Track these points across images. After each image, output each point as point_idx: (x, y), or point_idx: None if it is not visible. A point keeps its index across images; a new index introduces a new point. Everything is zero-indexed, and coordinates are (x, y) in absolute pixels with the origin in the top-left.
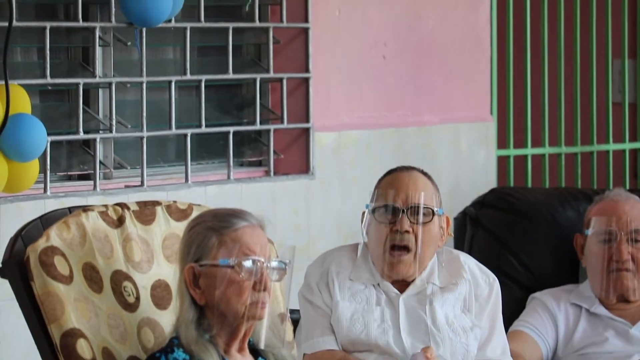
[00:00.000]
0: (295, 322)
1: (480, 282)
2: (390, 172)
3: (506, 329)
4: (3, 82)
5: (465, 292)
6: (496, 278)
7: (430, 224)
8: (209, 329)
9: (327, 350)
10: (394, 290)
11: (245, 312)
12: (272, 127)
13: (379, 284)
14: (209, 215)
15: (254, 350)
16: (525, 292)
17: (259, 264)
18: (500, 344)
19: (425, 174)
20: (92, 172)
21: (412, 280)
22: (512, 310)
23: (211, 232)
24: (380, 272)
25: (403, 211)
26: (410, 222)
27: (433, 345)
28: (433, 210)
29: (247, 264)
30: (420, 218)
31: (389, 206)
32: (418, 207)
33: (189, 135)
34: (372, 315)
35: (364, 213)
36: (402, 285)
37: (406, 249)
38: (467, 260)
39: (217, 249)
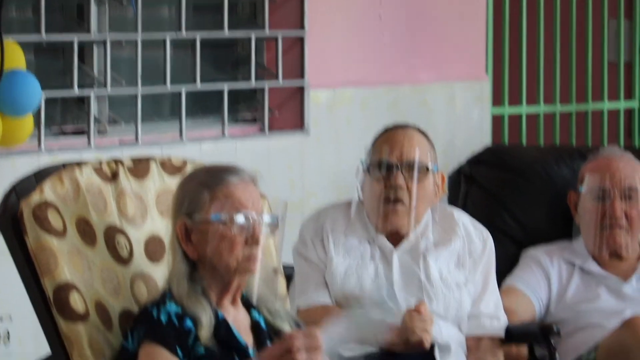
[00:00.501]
0: (288, 278)
1: (474, 238)
2: (385, 130)
3: (499, 285)
4: None
5: (459, 248)
6: (490, 234)
7: (424, 180)
8: (201, 283)
9: (321, 305)
10: (388, 245)
11: (237, 266)
12: (267, 84)
13: (373, 240)
14: (201, 171)
15: (247, 304)
16: (518, 248)
17: (250, 219)
18: (493, 300)
19: (420, 131)
20: (87, 128)
21: (406, 235)
22: (505, 267)
23: (203, 187)
24: (374, 225)
25: (397, 167)
26: (405, 178)
27: (426, 300)
28: (427, 167)
29: (239, 219)
30: (415, 174)
31: (384, 162)
32: (413, 163)
33: (183, 92)
34: (366, 270)
35: (358, 169)
36: (396, 240)
37: (400, 201)
38: (461, 217)
39: (209, 204)
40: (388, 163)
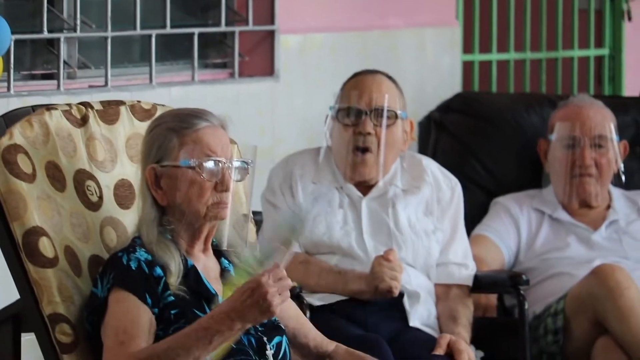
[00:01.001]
0: (258, 224)
1: (442, 185)
2: (354, 75)
3: (469, 233)
4: None
5: (428, 195)
6: (458, 182)
7: (393, 127)
8: (171, 229)
9: None
10: (357, 193)
11: (206, 212)
12: (237, 29)
13: (342, 187)
14: (169, 116)
15: (217, 251)
16: (488, 196)
17: (220, 164)
18: (462, 248)
19: (389, 77)
20: (56, 71)
21: (375, 183)
22: (475, 215)
23: (172, 132)
24: (343, 174)
25: (366, 113)
26: (374, 124)
27: (395, 248)
28: (396, 113)
29: (208, 164)
30: (384, 120)
31: (353, 108)
32: (381, 109)
33: (153, 36)
34: (334, 217)
35: (327, 116)
36: (365, 188)
37: (369, 150)
38: (430, 164)
39: (178, 150)
40: (357, 109)
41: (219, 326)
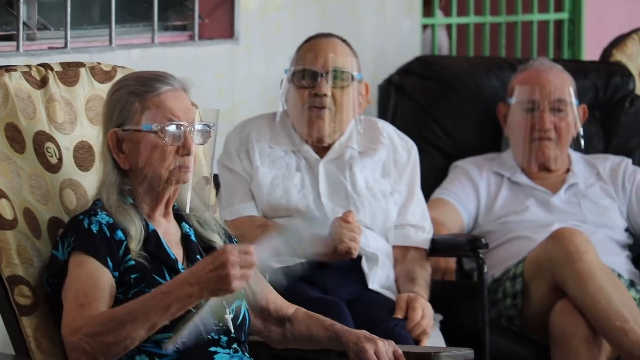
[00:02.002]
0: (218, 188)
1: (398, 147)
2: (309, 39)
3: (428, 197)
4: None
5: (384, 157)
6: (415, 144)
7: (348, 88)
8: (132, 193)
9: (248, 216)
10: (313, 156)
11: (168, 176)
12: None
13: (298, 150)
14: (131, 79)
15: (178, 216)
16: (448, 160)
17: (182, 128)
18: (419, 210)
19: (344, 40)
20: (15, 32)
21: (331, 145)
22: (434, 178)
23: (134, 96)
24: (299, 132)
25: (322, 75)
26: (329, 86)
27: (353, 210)
28: (352, 75)
29: (171, 128)
30: (339, 82)
31: (308, 70)
32: (336, 70)
33: None
34: (292, 180)
35: (282, 80)
36: (321, 150)
37: (325, 109)
38: (386, 127)
39: (140, 114)
40: (312, 71)
41: (177, 292)
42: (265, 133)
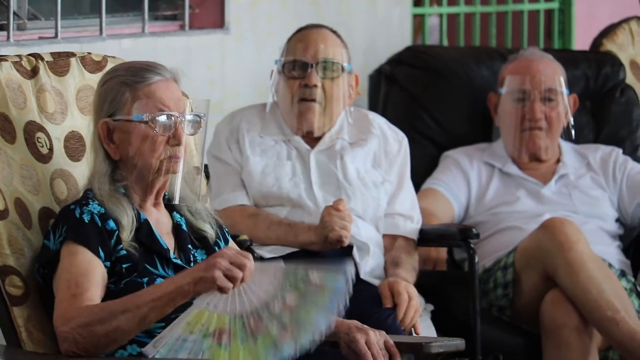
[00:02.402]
0: (209, 178)
1: (389, 138)
2: (299, 30)
3: (419, 187)
4: None
5: (375, 147)
6: (405, 136)
7: (338, 79)
8: (123, 183)
9: (239, 205)
10: (304, 146)
11: (159, 166)
12: None
13: (289, 140)
14: (122, 69)
15: (169, 206)
16: (438, 150)
17: (173, 118)
18: (409, 199)
19: (334, 32)
20: (6, 22)
21: (321, 136)
22: (425, 169)
23: (124, 86)
24: (289, 125)
25: (312, 66)
26: (319, 77)
27: (345, 199)
28: (342, 66)
29: (161, 119)
30: (329, 72)
31: (298, 61)
32: (327, 61)
33: None
34: (283, 169)
35: (272, 71)
36: (312, 141)
37: (315, 101)
38: (376, 118)
39: (130, 104)
40: (302, 62)
41: (168, 283)
42: (255, 123)
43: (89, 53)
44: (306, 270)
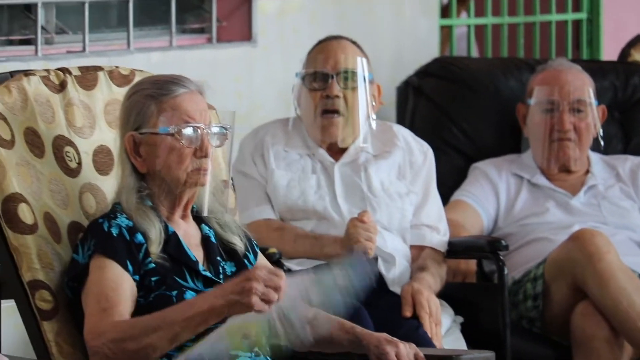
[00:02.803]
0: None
1: (414, 150)
2: (319, 42)
3: (448, 199)
4: None
5: (400, 159)
6: (430, 147)
7: (359, 89)
8: (151, 196)
9: (265, 219)
10: (328, 159)
11: (186, 179)
12: None
13: (313, 154)
14: (147, 82)
15: (197, 218)
16: (467, 161)
17: (199, 130)
18: (435, 211)
19: (354, 42)
20: (34, 37)
21: (346, 148)
22: (453, 180)
23: (150, 99)
24: (313, 138)
25: (332, 76)
26: (340, 87)
27: (370, 210)
28: (363, 76)
29: (187, 131)
30: (352, 83)
31: (319, 72)
32: (347, 71)
33: (131, 1)
34: (308, 182)
35: (293, 85)
36: (336, 153)
37: (337, 113)
38: (401, 130)
39: (156, 117)
40: (323, 73)
41: (201, 303)
42: (280, 137)
43: (117, 67)
44: (333, 275)
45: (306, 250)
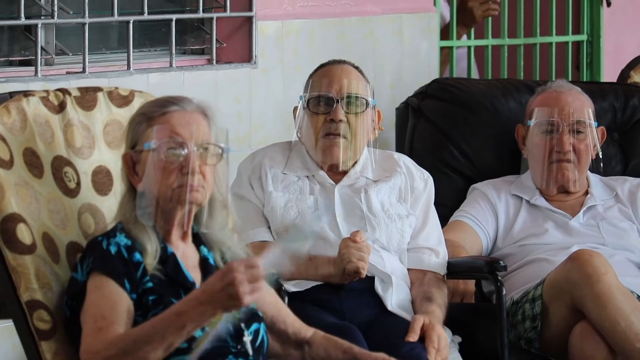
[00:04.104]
0: None
1: (415, 176)
2: (322, 65)
3: (447, 220)
4: None
5: (401, 183)
6: (430, 176)
7: (363, 114)
8: (149, 215)
9: (261, 242)
10: (329, 181)
11: (172, 195)
12: (215, 15)
13: (313, 176)
14: (147, 103)
15: (197, 240)
16: (466, 182)
17: (183, 146)
18: (434, 234)
19: (356, 67)
20: (34, 58)
21: (346, 172)
22: (453, 201)
23: (143, 118)
24: (315, 159)
25: (337, 101)
26: (344, 111)
27: (369, 230)
28: (367, 100)
29: (169, 145)
30: (355, 107)
31: (323, 96)
32: (351, 96)
33: (131, 22)
34: (305, 203)
35: (295, 108)
36: (336, 175)
37: (340, 135)
38: (402, 158)
39: (147, 134)
40: (327, 97)
41: (190, 310)
42: (278, 160)
43: (116, 88)
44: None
45: (301, 271)
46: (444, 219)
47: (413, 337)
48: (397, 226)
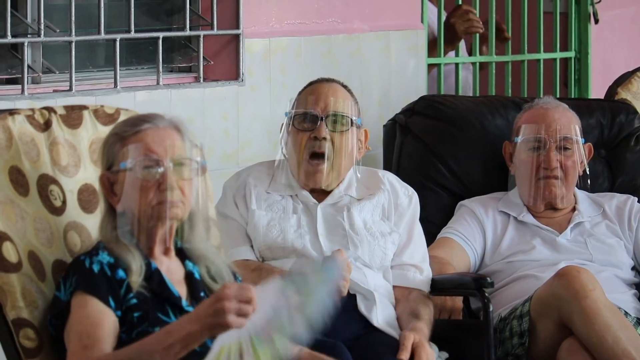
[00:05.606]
0: None
1: (400, 193)
2: (311, 83)
3: (435, 237)
4: None
5: (384, 200)
6: (415, 192)
7: (347, 133)
8: (131, 233)
9: (243, 260)
10: (312, 200)
11: (151, 212)
12: (202, 33)
13: (296, 195)
14: (120, 123)
15: (181, 254)
16: (453, 199)
17: (159, 163)
18: (418, 252)
19: (344, 86)
20: (20, 76)
21: (330, 191)
22: (440, 218)
23: (116, 138)
24: (297, 178)
25: (322, 119)
26: (329, 129)
27: (351, 247)
28: (351, 120)
29: (145, 164)
30: (339, 126)
31: (308, 113)
32: (336, 115)
33: (118, 40)
34: (288, 222)
35: (282, 125)
36: (320, 195)
37: (324, 157)
38: (386, 175)
39: (122, 154)
40: (312, 114)
41: (178, 330)
42: (263, 179)
43: (102, 106)
44: (304, 276)
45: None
46: (431, 236)
47: (405, 355)
48: (379, 244)
